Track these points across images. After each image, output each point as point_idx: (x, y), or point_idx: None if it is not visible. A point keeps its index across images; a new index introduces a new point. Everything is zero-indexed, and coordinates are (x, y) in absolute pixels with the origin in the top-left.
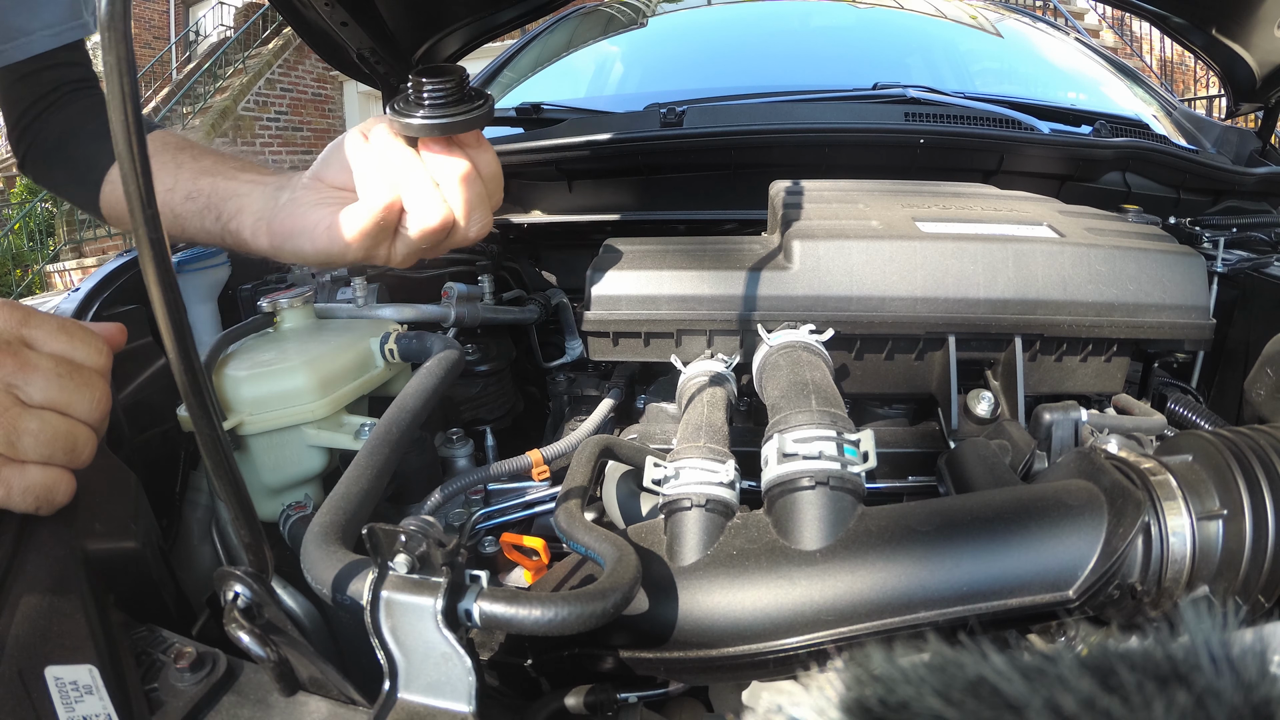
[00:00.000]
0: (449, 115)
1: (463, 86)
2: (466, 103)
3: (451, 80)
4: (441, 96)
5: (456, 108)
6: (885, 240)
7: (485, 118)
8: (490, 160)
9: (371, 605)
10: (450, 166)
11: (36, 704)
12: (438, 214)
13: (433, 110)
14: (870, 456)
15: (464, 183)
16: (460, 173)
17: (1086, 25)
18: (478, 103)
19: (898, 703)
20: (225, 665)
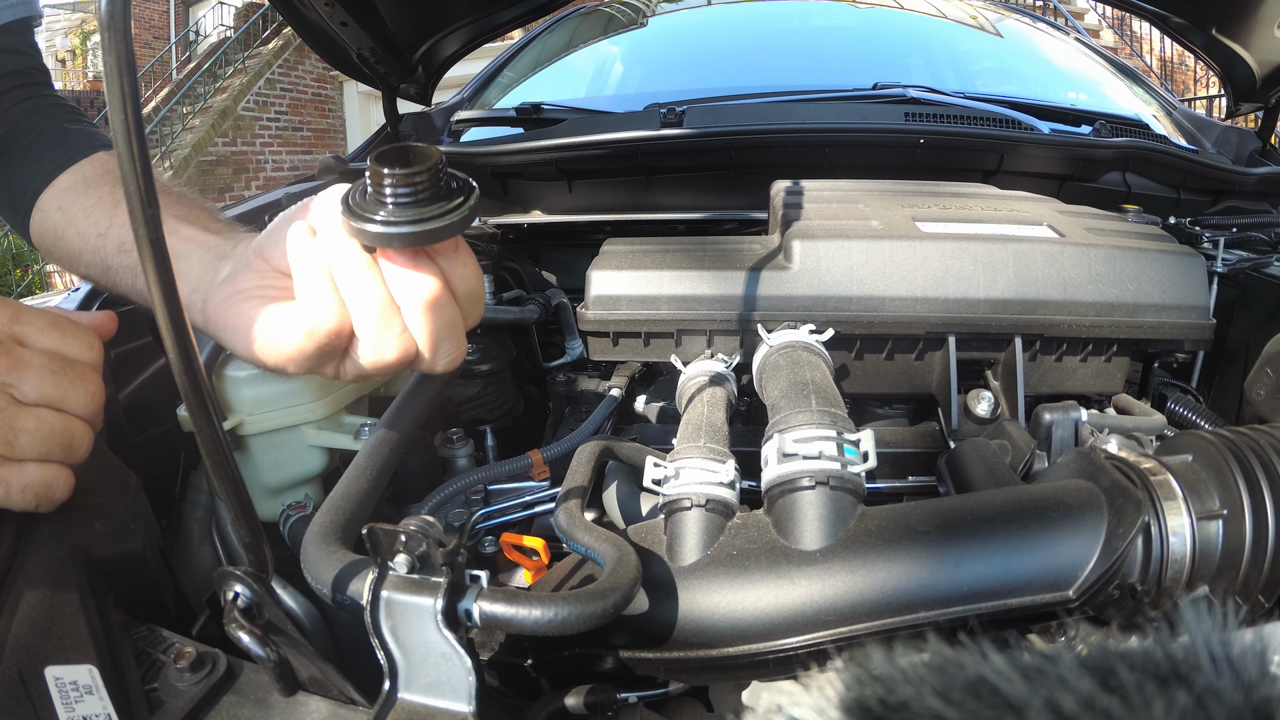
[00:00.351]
0: (418, 220)
1: (437, 178)
2: (442, 200)
3: (422, 173)
4: (408, 195)
5: (428, 208)
6: (885, 240)
7: (466, 220)
8: (469, 274)
9: (371, 605)
10: (416, 287)
11: (36, 704)
12: (395, 347)
13: (397, 211)
14: (870, 456)
15: (432, 309)
16: (428, 296)
17: (1086, 25)
18: (456, 200)
19: (898, 703)
20: (225, 665)
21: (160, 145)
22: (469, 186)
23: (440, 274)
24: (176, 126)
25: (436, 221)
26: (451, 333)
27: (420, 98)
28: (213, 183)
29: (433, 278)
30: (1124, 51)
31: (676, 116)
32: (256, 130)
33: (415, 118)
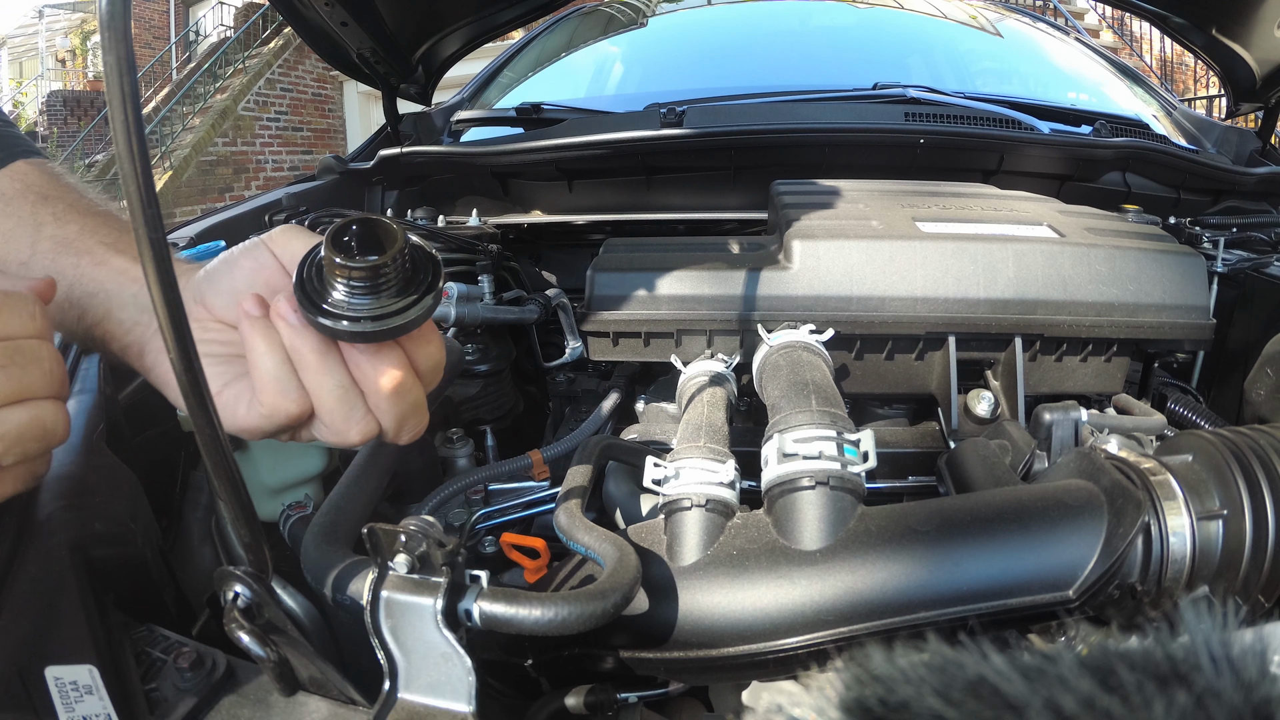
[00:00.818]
0: (381, 315)
1: (402, 266)
2: (407, 288)
3: (386, 265)
4: (367, 286)
5: (393, 299)
6: (885, 240)
7: (433, 307)
8: (433, 351)
9: (371, 605)
10: (379, 375)
11: (36, 704)
12: (358, 430)
13: (358, 302)
14: (870, 456)
15: (396, 395)
16: (392, 385)
17: (1086, 25)
18: (422, 284)
19: (898, 703)
20: (225, 665)
21: (160, 145)
22: (433, 264)
23: (404, 358)
24: (176, 126)
25: (401, 316)
26: (415, 411)
27: (420, 98)
28: (213, 183)
29: (396, 368)
30: (1124, 51)
31: (676, 116)
32: (256, 130)
33: (415, 118)
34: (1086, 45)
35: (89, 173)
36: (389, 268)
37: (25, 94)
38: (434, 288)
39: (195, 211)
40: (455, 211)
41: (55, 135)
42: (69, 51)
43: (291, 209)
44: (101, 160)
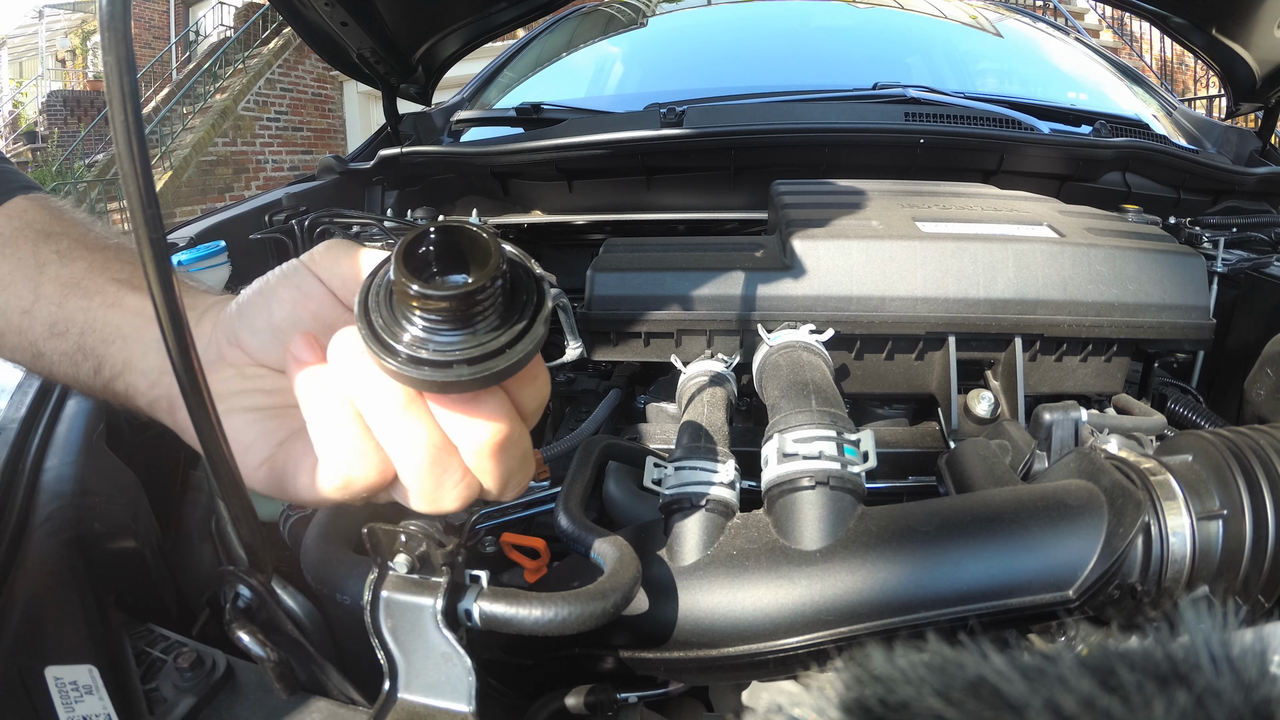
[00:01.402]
0: (481, 357)
1: (499, 290)
2: (510, 320)
3: (483, 291)
4: (454, 318)
5: (493, 334)
6: (885, 240)
7: (541, 339)
8: (539, 389)
9: (371, 605)
10: (480, 431)
11: (36, 704)
12: (454, 496)
13: (449, 342)
14: (870, 456)
15: (500, 451)
16: (495, 440)
17: (1086, 25)
18: (526, 310)
19: (898, 703)
20: (225, 665)
21: (160, 145)
22: (534, 280)
23: (507, 403)
24: (176, 126)
25: (506, 355)
26: (523, 465)
27: (420, 98)
28: (213, 183)
29: (499, 419)
30: (1124, 51)
31: (676, 116)
32: (256, 130)
33: (415, 118)
34: (1086, 45)
35: (89, 173)
36: (485, 293)
37: (25, 94)
38: (540, 309)
39: (195, 211)
40: (455, 211)
41: (55, 135)
42: (69, 51)
43: (291, 209)
44: (101, 160)
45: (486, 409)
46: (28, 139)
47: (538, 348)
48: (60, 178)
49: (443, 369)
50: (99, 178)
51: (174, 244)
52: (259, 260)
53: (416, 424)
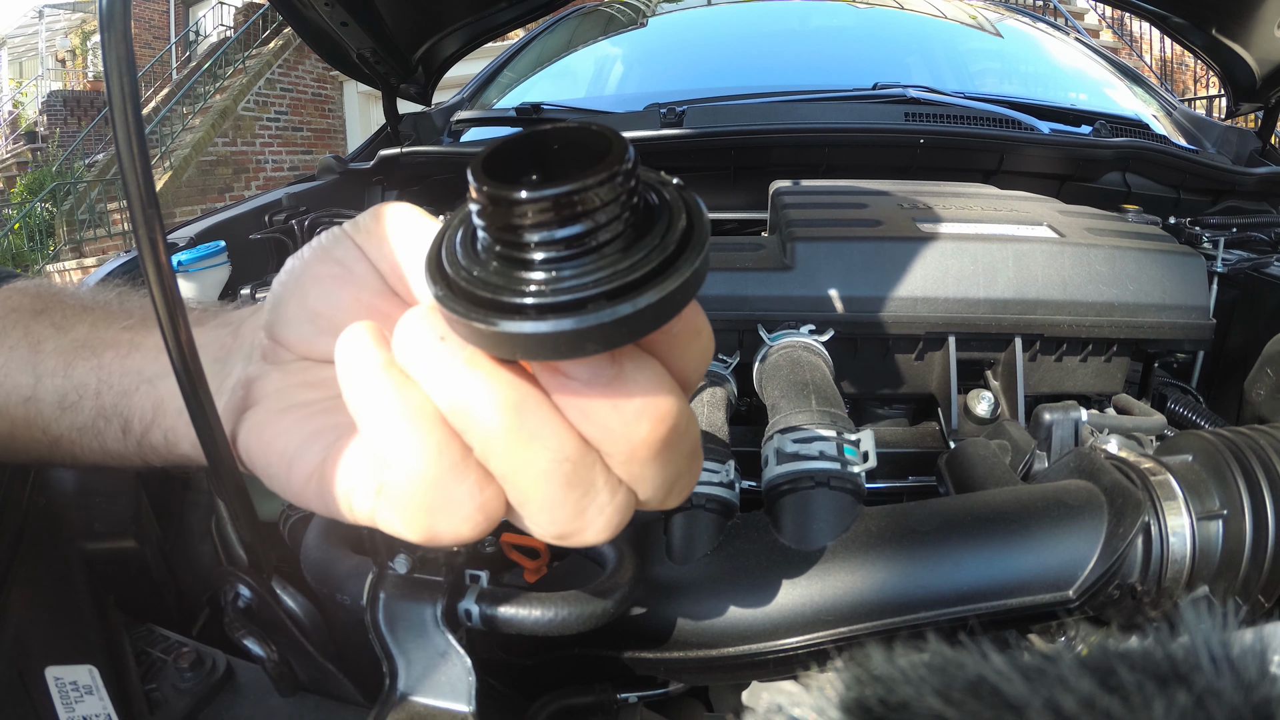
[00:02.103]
0: (622, 291)
1: (632, 189)
2: (649, 231)
3: (606, 186)
4: (585, 238)
5: (631, 254)
6: (885, 240)
7: (704, 258)
8: (703, 346)
9: (371, 605)
10: (633, 424)
11: (37, 704)
12: (604, 524)
13: (568, 273)
14: (870, 456)
15: (665, 447)
16: (657, 432)
17: (1086, 25)
18: (670, 232)
19: (898, 703)
20: (225, 665)
21: (160, 145)
22: (671, 187)
23: (667, 378)
24: (176, 126)
25: (659, 286)
26: (693, 461)
27: (420, 98)
28: (213, 183)
29: (659, 400)
30: (1124, 51)
31: (676, 116)
32: (256, 130)
33: (415, 118)
34: (1086, 45)
35: (89, 173)
36: (610, 190)
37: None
38: (696, 227)
39: (195, 211)
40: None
41: (55, 135)
42: (69, 51)
43: (291, 209)
44: (101, 160)
45: (638, 385)
46: (28, 139)
47: (701, 276)
48: (60, 178)
49: (564, 314)
50: (99, 178)
51: (174, 244)
52: (259, 260)
53: (540, 427)
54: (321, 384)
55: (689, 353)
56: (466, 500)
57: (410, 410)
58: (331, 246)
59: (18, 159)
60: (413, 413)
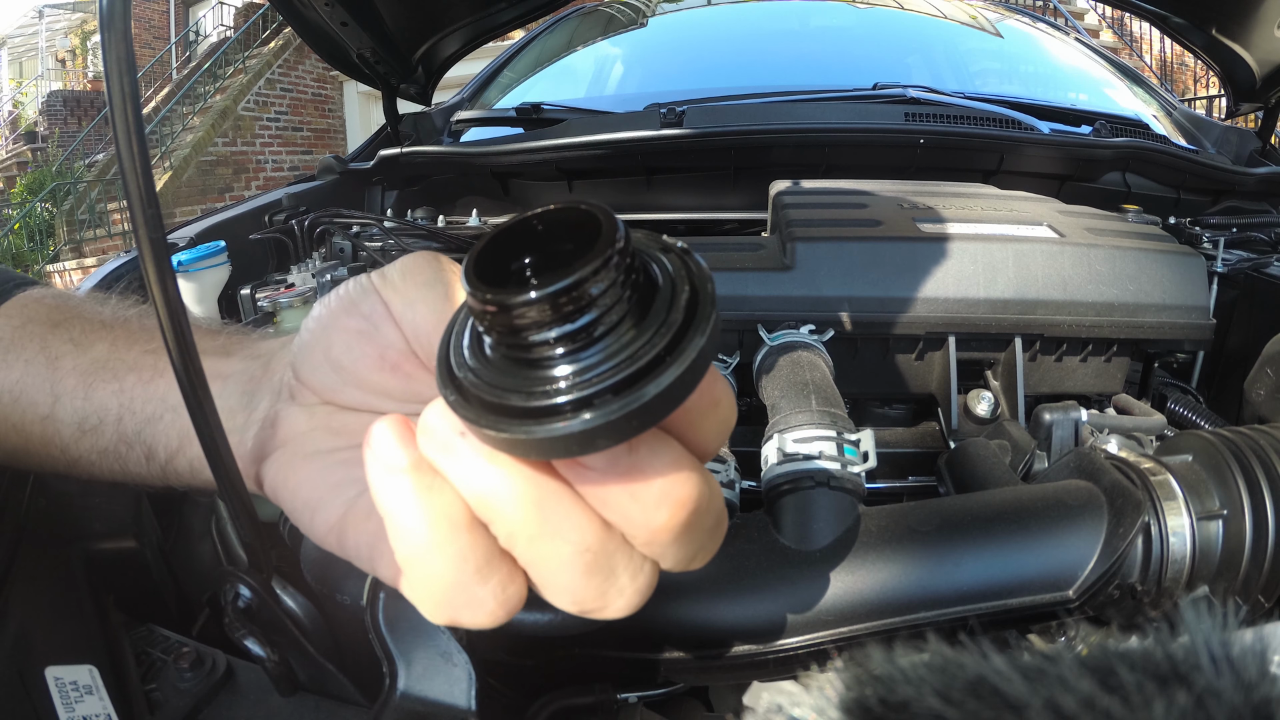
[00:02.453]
0: (631, 382)
1: (626, 268)
2: (655, 315)
3: (601, 273)
4: (588, 330)
5: (637, 340)
6: (885, 240)
7: (715, 333)
8: (722, 417)
9: (371, 605)
10: (653, 509)
11: (36, 704)
12: (625, 601)
13: (575, 368)
14: (870, 456)
15: (687, 527)
16: (677, 515)
17: (1086, 25)
18: (674, 308)
19: (898, 703)
20: (225, 665)
21: (160, 145)
22: (679, 256)
23: (685, 455)
24: (176, 126)
25: (668, 370)
26: (716, 529)
27: (420, 98)
28: (213, 183)
29: (677, 481)
30: (1124, 51)
31: (676, 116)
32: (256, 130)
33: (415, 118)
34: (1086, 45)
35: (89, 173)
36: (606, 276)
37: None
38: (701, 295)
39: (195, 211)
40: (455, 211)
41: (56, 135)
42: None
43: (291, 209)
44: (101, 160)
45: (655, 469)
46: (28, 139)
47: (711, 350)
48: (60, 178)
49: (571, 416)
50: (99, 178)
51: (174, 244)
52: (259, 260)
53: (562, 521)
54: (344, 431)
55: (707, 426)
56: (489, 599)
57: (435, 516)
58: (359, 299)
59: (18, 159)
60: (438, 519)
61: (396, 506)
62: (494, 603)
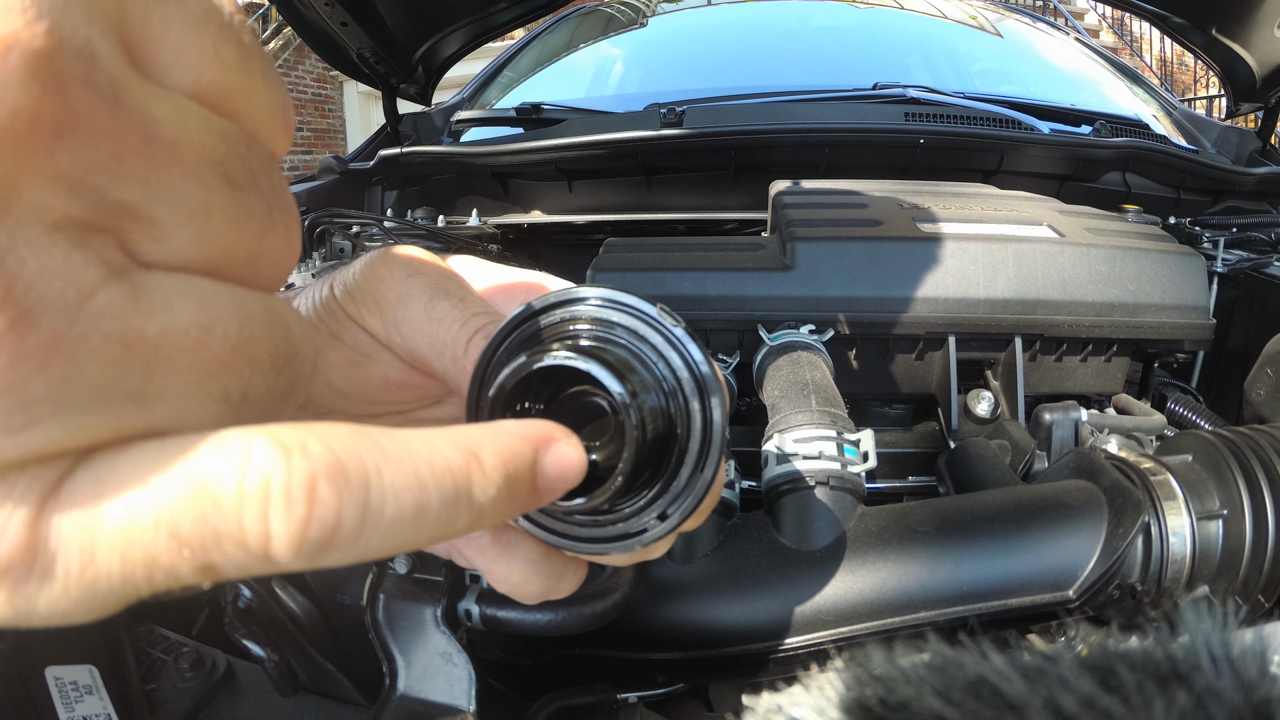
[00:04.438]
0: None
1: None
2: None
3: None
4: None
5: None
6: (885, 240)
7: (710, 481)
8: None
9: (371, 605)
10: None
11: (37, 704)
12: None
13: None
14: (870, 456)
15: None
16: None
17: (1086, 25)
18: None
19: (898, 703)
20: (225, 665)
21: None
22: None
23: None
24: None
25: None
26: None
27: (420, 98)
28: None
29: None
30: (1124, 51)
31: (676, 116)
32: None
33: (415, 118)
34: (1086, 45)
35: None
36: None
37: None
38: (710, 446)
39: None
40: (455, 211)
41: None
42: None
43: None
44: None
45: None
46: None
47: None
48: None
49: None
50: None
51: None
52: None
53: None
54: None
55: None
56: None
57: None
58: (340, 331)
59: None
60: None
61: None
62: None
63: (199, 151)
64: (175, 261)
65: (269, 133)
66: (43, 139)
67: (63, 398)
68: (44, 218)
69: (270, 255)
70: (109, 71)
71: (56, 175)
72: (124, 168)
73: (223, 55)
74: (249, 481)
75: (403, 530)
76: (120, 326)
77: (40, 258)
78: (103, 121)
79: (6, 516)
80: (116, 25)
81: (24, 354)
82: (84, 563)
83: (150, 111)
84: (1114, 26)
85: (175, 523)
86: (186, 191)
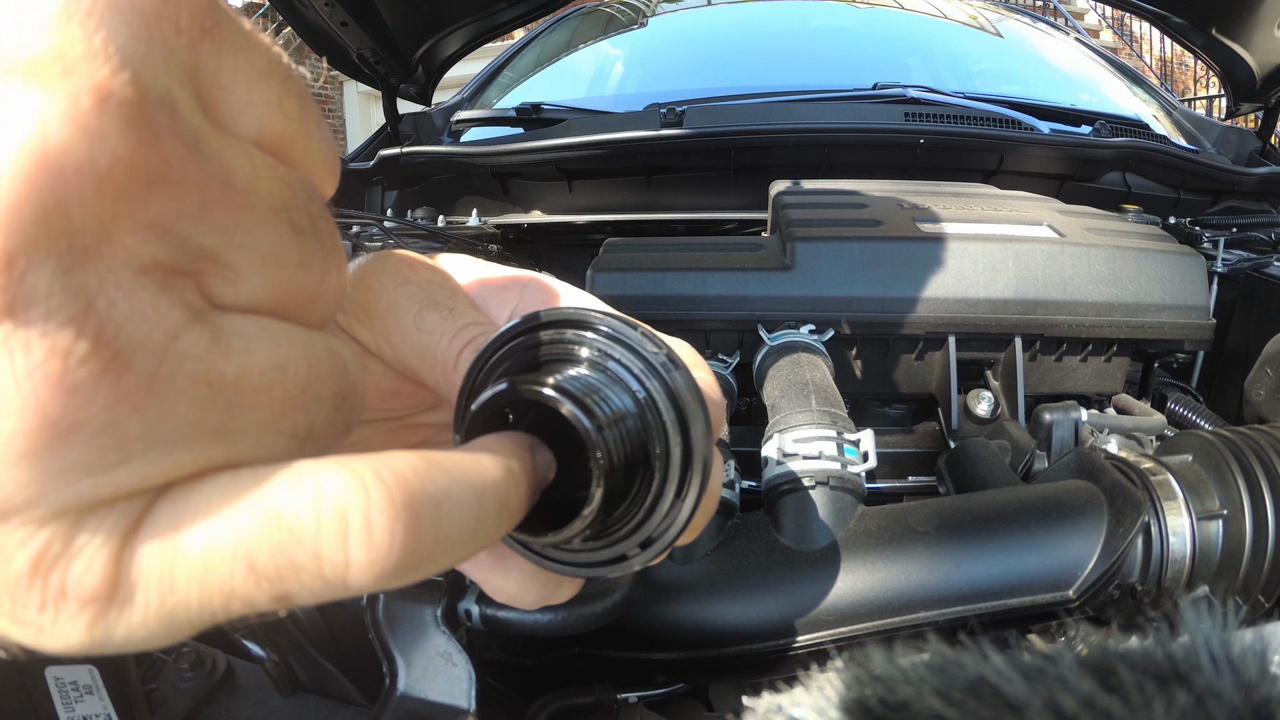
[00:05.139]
0: (612, 560)
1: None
2: (638, 502)
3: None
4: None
5: (612, 541)
6: (885, 240)
7: (695, 501)
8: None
9: (371, 605)
10: None
11: (37, 704)
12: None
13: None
14: (870, 456)
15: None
16: None
17: (1086, 25)
18: (664, 478)
19: (898, 703)
20: (225, 665)
21: None
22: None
23: None
24: None
25: (642, 552)
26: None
27: (420, 98)
28: None
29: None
30: (1124, 51)
31: (676, 116)
32: None
33: (415, 118)
34: (1086, 45)
35: None
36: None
37: None
38: (692, 466)
39: None
40: (455, 211)
41: None
42: None
43: None
44: None
45: None
46: None
47: (698, 518)
48: None
49: (595, 567)
50: None
51: None
52: None
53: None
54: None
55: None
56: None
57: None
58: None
59: None
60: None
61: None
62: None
63: (269, 199)
64: (247, 304)
65: (321, 179)
66: (138, 187)
67: (155, 436)
68: (133, 262)
69: (326, 296)
70: (189, 121)
71: (148, 223)
72: (207, 215)
73: (285, 106)
74: (325, 511)
75: (465, 545)
76: (204, 367)
77: (129, 300)
78: (190, 171)
79: (95, 551)
80: (191, 75)
81: (120, 395)
82: (164, 593)
83: (226, 161)
84: (1114, 26)
85: (253, 554)
86: (259, 237)
